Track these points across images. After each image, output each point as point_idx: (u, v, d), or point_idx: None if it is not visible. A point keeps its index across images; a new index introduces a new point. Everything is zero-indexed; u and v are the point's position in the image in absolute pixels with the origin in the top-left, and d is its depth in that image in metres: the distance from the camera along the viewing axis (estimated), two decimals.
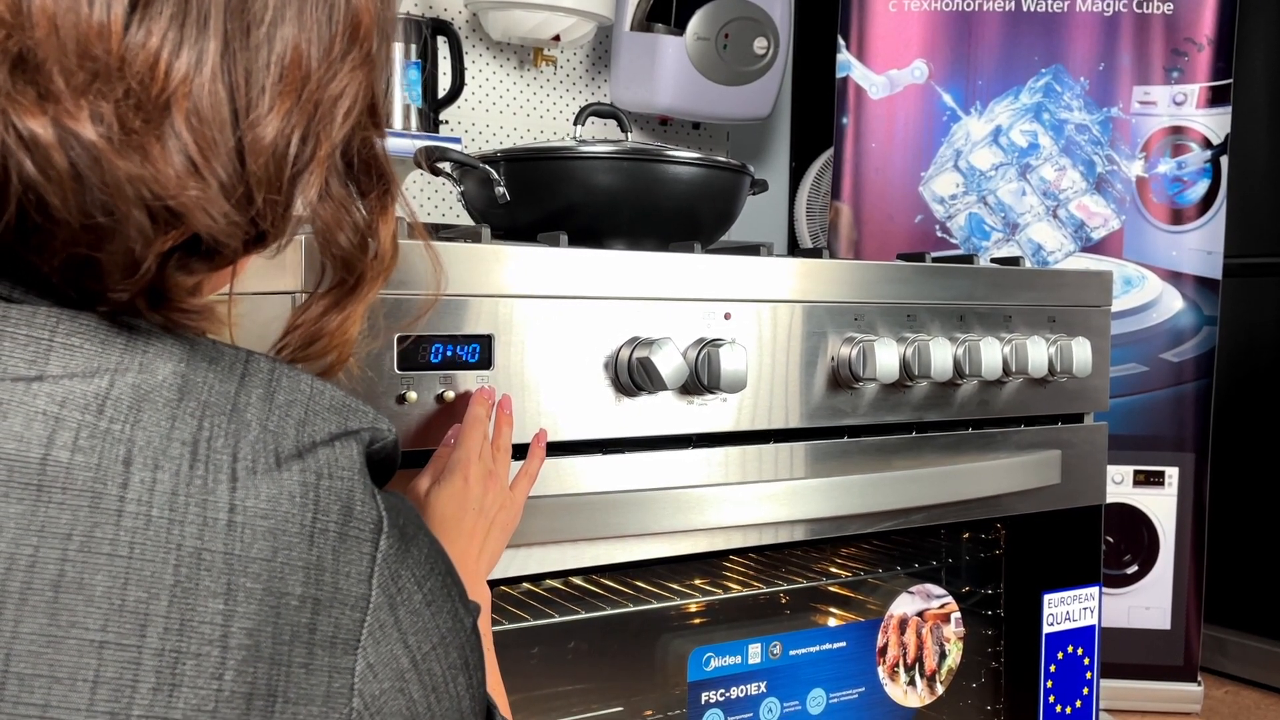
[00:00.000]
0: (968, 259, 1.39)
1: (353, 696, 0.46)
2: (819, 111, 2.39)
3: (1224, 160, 2.03)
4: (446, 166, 1.36)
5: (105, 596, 0.41)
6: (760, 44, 2.15)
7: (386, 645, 0.47)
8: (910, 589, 1.35)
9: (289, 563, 0.45)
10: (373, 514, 0.48)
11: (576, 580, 1.15)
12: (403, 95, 1.92)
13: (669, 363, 1.03)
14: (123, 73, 0.43)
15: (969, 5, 2.07)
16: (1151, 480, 2.06)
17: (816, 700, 1.26)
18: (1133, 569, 2.06)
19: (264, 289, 0.89)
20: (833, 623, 1.31)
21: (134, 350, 0.45)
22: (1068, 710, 1.44)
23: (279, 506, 0.45)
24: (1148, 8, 2.05)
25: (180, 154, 0.45)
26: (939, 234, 2.08)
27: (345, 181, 0.54)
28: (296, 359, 0.55)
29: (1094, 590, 1.45)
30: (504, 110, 2.19)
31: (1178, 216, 2.05)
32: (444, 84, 2.00)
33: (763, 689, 1.22)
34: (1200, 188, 2.04)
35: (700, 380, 1.08)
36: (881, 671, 1.32)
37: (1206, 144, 2.04)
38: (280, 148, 0.48)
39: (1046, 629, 1.42)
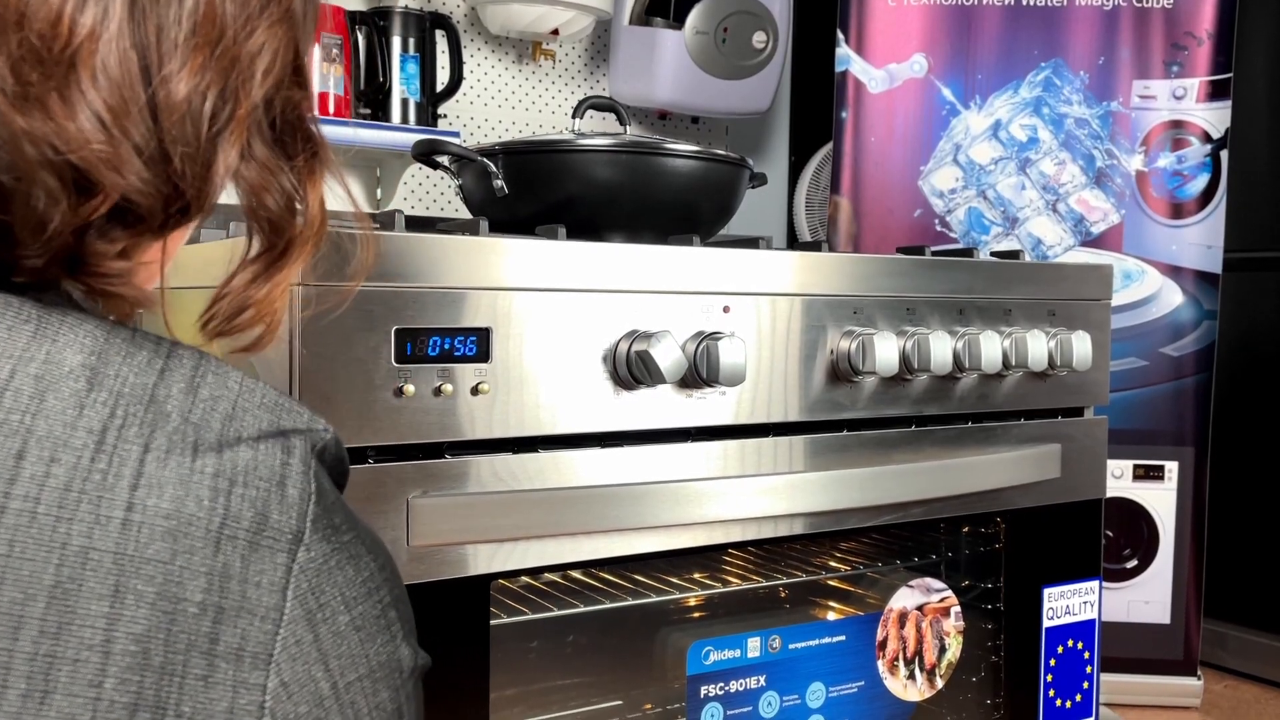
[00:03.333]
0: (967, 252, 1.39)
1: (263, 715, 0.43)
2: (818, 106, 2.39)
3: (1224, 155, 2.03)
4: (444, 160, 1.36)
5: None
6: (759, 38, 2.14)
7: (303, 664, 0.44)
8: (910, 583, 1.34)
9: (189, 567, 0.42)
10: (290, 524, 0.44)
11: (575, 574, 1.15)
12: (401, 89, 1.91)
13: (668, 356, 1.03)
14: (21, 26, 0.42)
15: None
16: (1151, 475, 2.06)
17: (816, 694, 1.26)
18: (1132, 563, 2.06)
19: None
20: (832, 617, 1.31)
21: (42, 338, 0.43)
22: (1068, 704, 1.44)
23: (184, 508, 0.42)
24: (1147, 1, 2.04)
25: (87, 110, 0.43)
26: (938, 228, 2.07)
27: (271, 144, 0.51)
28: (224, 331, 0.53)
29: (1094, 584, 1.45)
30: (502, 105, 2.19)
31: (1177, 211, 2.04)
32: (442, 78, 2.00)
33: (762, 683, 1.22)
34: (1200, 182, 2.04)
35: (699, 373, 1.08)
36: (881, 665, 1.32)
37: (1206, 138, 2.03)
38: (195, 105, 0.46)
39: (1046, 623, 1.41)
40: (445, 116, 2.08)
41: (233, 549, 0.43)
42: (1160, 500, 2.06)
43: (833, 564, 1.33)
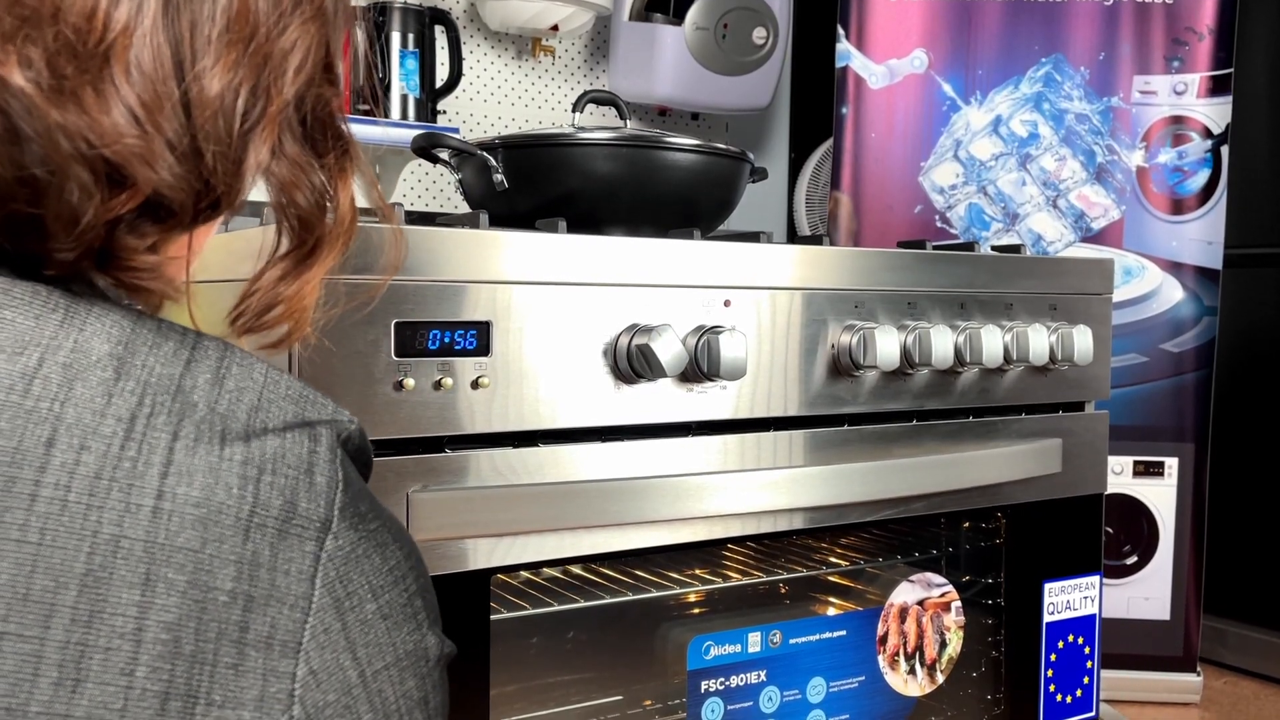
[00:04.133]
0: (968, 247, 1.39)
1: (292, 704, 0.42)
2: (818, 102, 2.38)
3: (1224, 150, 2.03)
4: (444, 154, 1.35)
5: (9, 585, 0.39)
6: (759, 34, 2.14)
7: (332, 653, 0.44)
8: (910, 578, 1.34)
9: (219, 555, 0.42)
10: (318, 513, 0.45)
11: (575, 569, 1.15)
12: (400, 85, 1.91)
13: (668, 350, 1.03)
14: (56, 20, 0.42)
15: None
16: (1151, 471, 2.05)
17: (816, 689, 1.26)
18: (1132, 560, 2.06)
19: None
20: (832, 612, 1.30)
21: (70, 327, 0.43)
22: (1068, 700, 1.44)
23: (213, 496, 0.42)
24: None
25: (121, 105, 0.43)
26: (939, 224, 2.07)
27: (301, 141, 0.52)
28: (252, 328, 0.53)
29: (1094, 579, 1.45)
30: (502, 101, 2.18)
31: (1178, 207, 2.04)
32: (442, 74, 1.99)
33: (762, 678, 1.22)
34: (1200, 178, 2.03)
35: (700, 368, 1.07)
36: (882, 660, 1.31)
37: (1207, 134, 2.03)
38: (228, 101, 0.46)
39: (1047, 618, 1.41)
40: (445, 113, 2.07)
41: (262, 537, 0.43)
42: (1160, 497, 2.05)
43: (833, 559, 1.33)
